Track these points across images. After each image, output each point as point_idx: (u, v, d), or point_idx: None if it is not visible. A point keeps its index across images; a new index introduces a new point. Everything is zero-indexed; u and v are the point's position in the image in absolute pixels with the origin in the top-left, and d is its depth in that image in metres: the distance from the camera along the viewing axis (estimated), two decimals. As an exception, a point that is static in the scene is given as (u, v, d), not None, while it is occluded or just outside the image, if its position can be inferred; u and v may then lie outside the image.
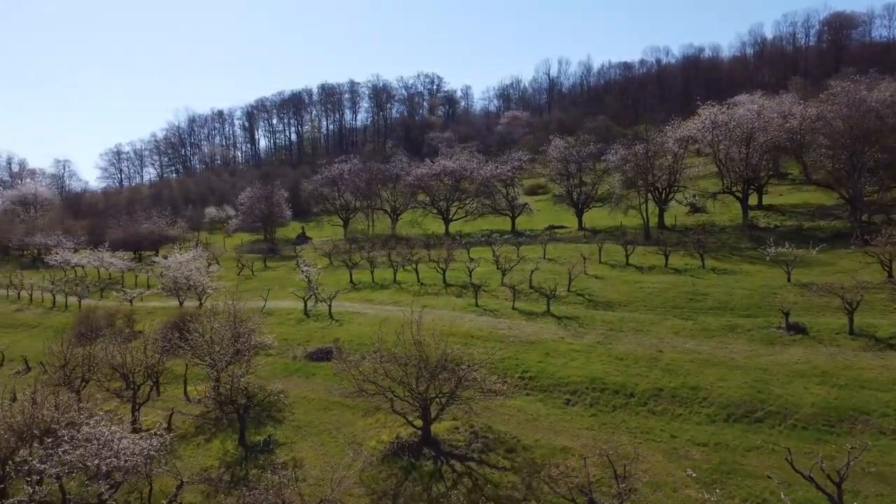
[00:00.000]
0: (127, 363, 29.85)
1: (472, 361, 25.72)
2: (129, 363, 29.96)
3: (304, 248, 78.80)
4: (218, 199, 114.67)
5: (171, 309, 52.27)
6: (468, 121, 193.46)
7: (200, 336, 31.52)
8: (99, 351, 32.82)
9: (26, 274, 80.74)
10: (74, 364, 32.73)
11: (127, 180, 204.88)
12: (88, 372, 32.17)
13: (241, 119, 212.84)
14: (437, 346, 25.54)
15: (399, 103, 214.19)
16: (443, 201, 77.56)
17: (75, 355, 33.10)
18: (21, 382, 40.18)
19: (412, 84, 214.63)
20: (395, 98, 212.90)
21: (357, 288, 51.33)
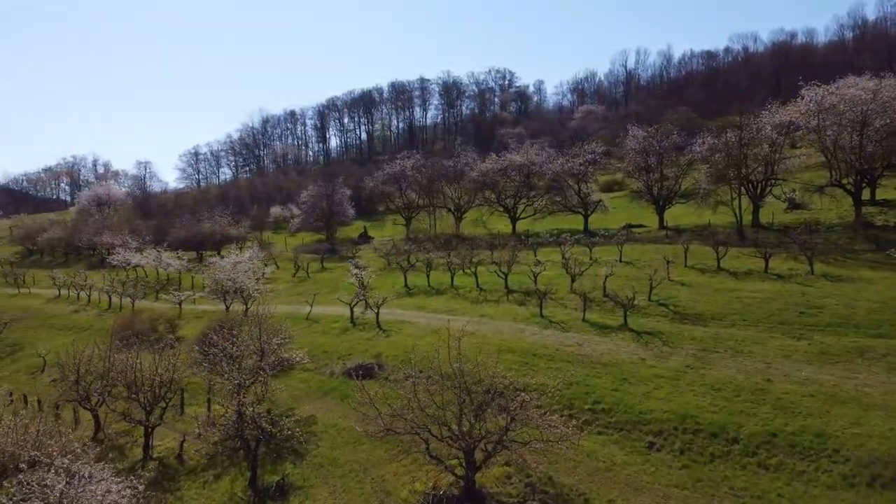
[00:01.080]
0: (138, 380, 26.34)
1: (529, 391, 20.57)
2: (141, 380, 26.47)
3: (363, 249, 75.20)
4: (284, 199, 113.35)
5: (219, 313, 49.50)
6: (540, 116, 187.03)
7: (221, 351, 27.67)
8: (118, 362, 29.53)
9: (90, 274, 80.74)
10: (90, 379, 29.68)
11: (204, 181, 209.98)
12: (104, 388, 29.07)
13: (312, 119, 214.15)
14: (491, 368, 20.50)
15: (469, 100, 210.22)
16: (510, 198, 72.30)
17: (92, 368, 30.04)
18: (53, 392, 38.04)
19: (483, 80, 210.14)
20: (465, 94, 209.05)
21: (411, 293, 46.86)
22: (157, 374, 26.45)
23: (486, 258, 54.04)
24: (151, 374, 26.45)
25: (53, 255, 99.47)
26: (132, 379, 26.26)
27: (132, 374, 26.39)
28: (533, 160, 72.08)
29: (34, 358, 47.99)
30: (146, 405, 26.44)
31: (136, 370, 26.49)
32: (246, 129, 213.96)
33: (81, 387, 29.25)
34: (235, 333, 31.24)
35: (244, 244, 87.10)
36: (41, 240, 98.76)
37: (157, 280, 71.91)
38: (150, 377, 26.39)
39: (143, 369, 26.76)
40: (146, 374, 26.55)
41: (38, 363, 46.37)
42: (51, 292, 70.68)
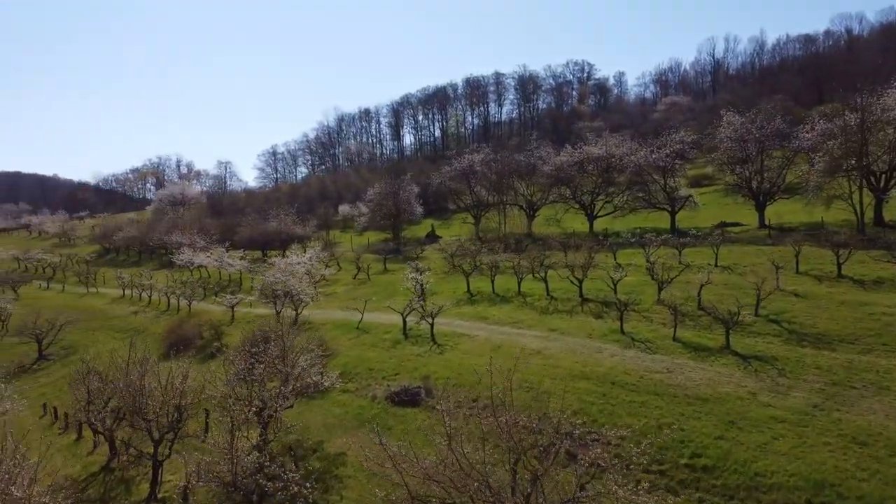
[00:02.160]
0: (142, 405, 22.71)
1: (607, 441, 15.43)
2: (149, 404, 22.84)
3: (428, 249, 70.90)
4: (353, 197, 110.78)
5: (271, 318, 46.27)
6: (621, 109, 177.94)
7: (243, 369, 23.74)
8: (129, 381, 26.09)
9: (157, 273, 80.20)
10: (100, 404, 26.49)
11: (282, 180, 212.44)
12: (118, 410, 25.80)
13: (387, 116, 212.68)
14: (559, 401, 15.51)
15: (546, 94, 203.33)
16: (587, 194, 66.21)
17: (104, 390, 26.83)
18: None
19: (560, 73, 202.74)
20: (541, 88, 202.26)
21: (473, 299, 41.95)
22: (168, 398, 22.68)
23: (560, 261, 48.59)
24: (162, 397, 22.71)
25: (128, 254, 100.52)
26: (138, 404, 22.61)
27: (138, 399, 22.73)
28: (612, 152, 65.69)
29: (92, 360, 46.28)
30: (154, 435, 22.81)
31: (144, 393, 22.80)
32: (322, 127, 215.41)
33: (94, 407, 26.03)
34: (272, 346, 27.40)
35: (309, 244, 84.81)
36: (116, 239, 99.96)
37: (219, 281, 70.09)
38: (160, 400, 22.66)
39: (152, 391, 23.05)
40: (157, 397, 22.84)
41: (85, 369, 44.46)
42: (116, 292, 70.16)
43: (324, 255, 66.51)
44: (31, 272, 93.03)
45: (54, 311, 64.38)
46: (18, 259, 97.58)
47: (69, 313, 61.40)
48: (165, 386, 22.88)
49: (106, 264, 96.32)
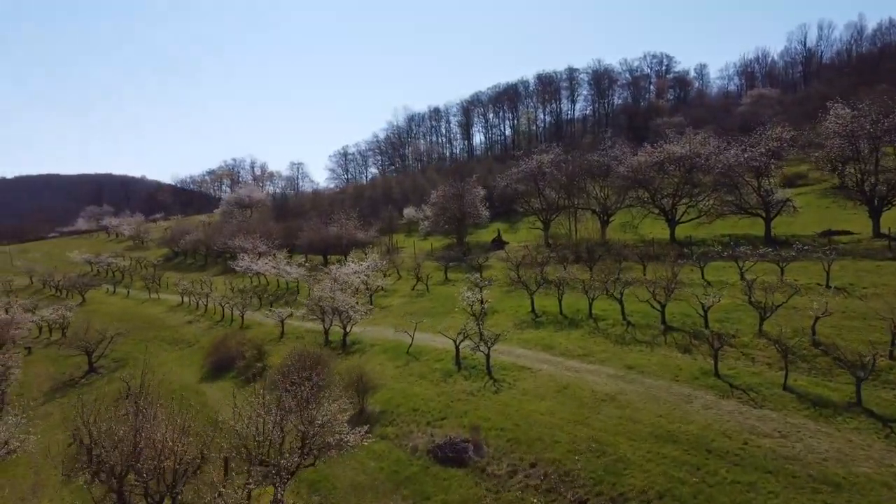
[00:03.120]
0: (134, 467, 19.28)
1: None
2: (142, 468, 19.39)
3: (492, 257, 66.29)
4: (418, 199, 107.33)
5: (320, 334, 43.00)
6: (702, 103, 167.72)
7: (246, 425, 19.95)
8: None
9: (218, 279, 79.05)
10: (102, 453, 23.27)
11: (352, 180, 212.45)
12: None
13: (456, 115, 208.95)
14: (639, 475, 11.44)
15: (622, 89, 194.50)
16: (667, 198, 59.95)
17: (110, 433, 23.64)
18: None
19: (637, 66, 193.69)
20: (617, 83, 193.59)
21: (538, 321, 37.09)
22: (162, 459, 19.17)
23: (637, 276, 43.18)
24: (155, 460, 19.22)
25: (194, 258, 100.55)
26: (130, 463, 19.22)
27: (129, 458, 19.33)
28: (698, 151, 59.05)
29: (136, 379, 44.26)
30: (153, 496, 19.39)
31: (135, 453, 19.36)
32: (391, 127, 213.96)
33: (96, 455, 22.88)
34: (312, 374, 23.73)
35: (370, 250, 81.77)
36: (183, 242, 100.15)
37: (276, 289, 67.82)
38: (153, 463, 19.18)
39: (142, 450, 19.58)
40: (149, 457, 19.37)
41: (138, 385, 42.41)
42: (176, 299, 69.04)
43: (382, 264, 63.08)
44: (101, 276, 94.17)
45: (113, 319, 63.87)
46: (91, 262, 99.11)
47: (120, 325, 60.46)
48: (160, 448, 19.28)
49: (173, 268, 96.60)
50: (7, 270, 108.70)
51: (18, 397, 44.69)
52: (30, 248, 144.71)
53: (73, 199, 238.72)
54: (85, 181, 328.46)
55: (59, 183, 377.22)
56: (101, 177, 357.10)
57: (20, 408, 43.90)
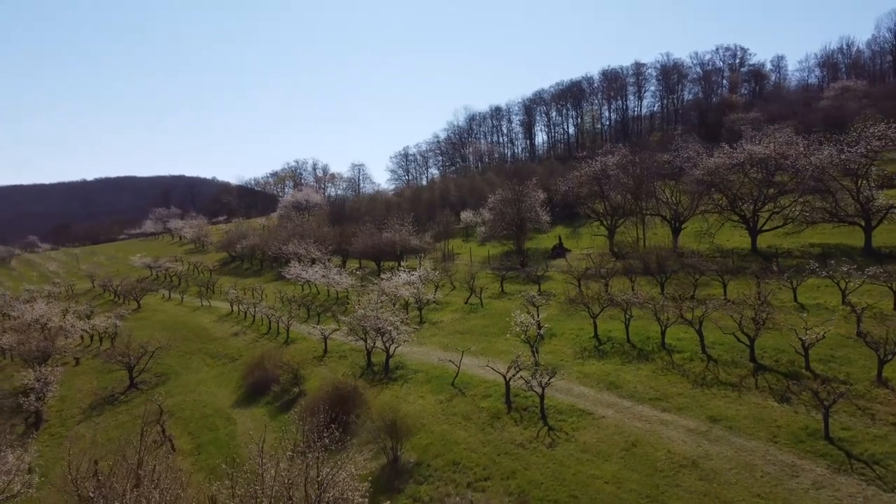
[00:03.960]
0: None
1: None
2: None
3: (553, 267, 61.73)
4: (476, 202, 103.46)
5: (362, 353, 39.70)
6: (780, 97, 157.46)
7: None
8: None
9: (270, 286, 77.30)
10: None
11: (414, 181, 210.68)
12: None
13: (518, 114, 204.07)
14: None
15: (692, 84, 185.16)
16: (748, 203, 54.10)
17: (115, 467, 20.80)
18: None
19: (709, 60, 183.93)
20: (687, 78, 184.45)
21: (601, 349, 32.63)
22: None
23: (716, 291, 38.18)
24: None
25: (251, 263, 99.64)
26: None
27: None
28: (783, 152, 52.90)
29: (171, 397, 42.27)
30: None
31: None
32: (452, 127, 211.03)
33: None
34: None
35: (424, 257, 78.44)
36: (240, 247, 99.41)
37: (326, 298, 65.22)
38: None
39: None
40: None
41: (171, 405, 40.34)
42: (227, 307, 67.40)
43: (435, 275, 59.54)
44: (159, 280, 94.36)
45: (161, 328, 62.66)
46: (150, 267, 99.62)
47: (168, 335, 58.99)
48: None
49: (229, 273, 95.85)
50: (73, 274, 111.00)
51: (58, 414, 43.46)
52: (98, 250, 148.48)
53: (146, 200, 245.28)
54: (157, 183, 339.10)
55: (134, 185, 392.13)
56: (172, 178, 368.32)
57: (55, 426, 42.89)
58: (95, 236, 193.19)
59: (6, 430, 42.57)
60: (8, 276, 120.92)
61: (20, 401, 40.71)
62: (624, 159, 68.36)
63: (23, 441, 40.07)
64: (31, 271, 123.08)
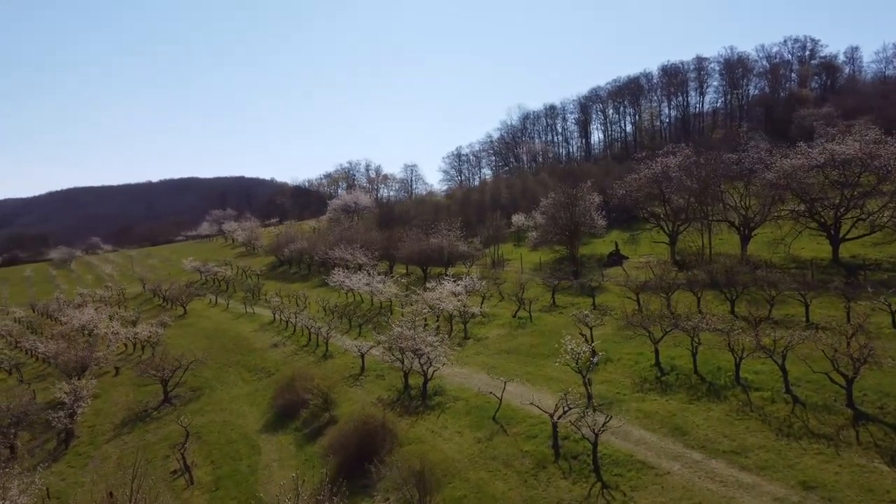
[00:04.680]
0: None
1: None
2: None
3: (608, 278, 57.52)
4: (529, 204, 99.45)
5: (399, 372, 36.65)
6: (855, 90, 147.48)
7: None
8: None
9: (315, 292, 75.46)
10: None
11: (466, 181, 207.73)
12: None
13: (573, 112, 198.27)
14: None
15: (758, 78, 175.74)
16: (829, 209, 48.78)
17: None
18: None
19: (776, 52, 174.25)
20: (752, 72, 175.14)
21: (663, 381, 28.63)
22: None
23: (795, 310, 33.67)
24: None
25: (298, 268, 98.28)
26: None
27: None
28: (871, 151, 47.32)
29: (201, 416, 40.36)
30: None
31: None
32: (505, 127, 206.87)
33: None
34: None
35: (473, 263, 75.17)
36: (287, 251, 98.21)
37: (370, 308, 62.65)
38: None
39: None
40: None
41: (200, 426, 38.38)
42: (270, 315, 65.61)
43: (482, 285, 56.16)
44: (208, 285, 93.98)
45: (203, 337, 61.36)
46: (199, 271, 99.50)
47: (208, 344, 57.79)
48: None
49: (276, 278, 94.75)
50: (126, 277, 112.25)
51: (90, 429, 42.09)
52: (155, 252, 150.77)
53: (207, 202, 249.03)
54: (218, 184, 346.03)
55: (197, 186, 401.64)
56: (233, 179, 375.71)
57: (85, 443, 41.51)
58: (155, 238, 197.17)
59: (37, 446, 41.80)
60: (67, 278, 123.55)
61: (52, 415, 39.37)
62: (687, 160, 63.34)
63: (53, 456, 39.05)
64: (88, 274, 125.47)
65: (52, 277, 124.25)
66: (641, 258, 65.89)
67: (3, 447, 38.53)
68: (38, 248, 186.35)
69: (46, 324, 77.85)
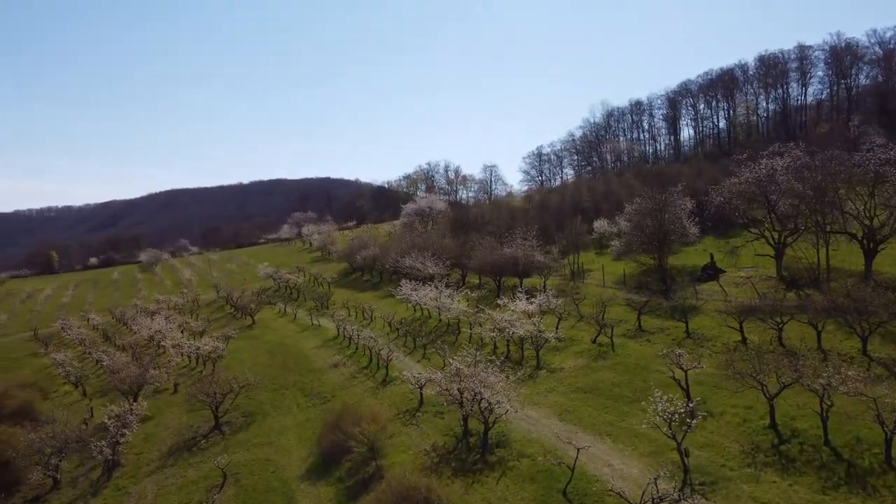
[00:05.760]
0: None
1: None
2: None
3: (704, 296, 50.65)
4: (612, 208, 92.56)
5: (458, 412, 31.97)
6: None
7: None
8: None
9: (384, 304, 71.97)
10: None
11: (547, 182, 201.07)
12: None
13: (661, 108, 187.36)
14: None
15: (869, 66, 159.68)
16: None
17: None
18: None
19: (890, 38, 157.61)
20: (863, 60, 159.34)
21: (782, 451, 22.56)
22: None
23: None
24: None
25: (370, 275, 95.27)
26: None
27: None
28: None
29: (247, 450, 37.09)
30: None
31: None
32: (588, 125, 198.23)
33: None
34: None
35: (550, 274, 69.50)
36: (360, 257, 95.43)
37: (437, 325, 58.32)
38: None
39: None
40: None
41: (241, 463, 35.12)
42: (334, 329, 62.45)
43: (558, 304, 50.63)
44: (280, 292, 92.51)
45: (264, 353, 58.72)
46: (272, 277, 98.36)
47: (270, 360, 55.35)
48: None
49: (348, 285, 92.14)
50: (204, 282, 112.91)
51: (136, 457, 39.69)
52: (236, 255, 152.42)
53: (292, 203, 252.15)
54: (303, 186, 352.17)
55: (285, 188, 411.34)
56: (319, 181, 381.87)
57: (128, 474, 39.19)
58: (240, 239, 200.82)
59: (82, 475, 39.82)
60: (150, 282, 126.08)
61: (94, 444, 37.09)
62: (797, 162, 55.30)
63: (94, 489, 36.86)
64: (168, 278, 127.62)
65: (137, 281, 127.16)
66: (741, 273, 58.48)
67: (45, 477, 36.63)
68: (131, 250, 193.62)
69: (120, 331, 77.98)
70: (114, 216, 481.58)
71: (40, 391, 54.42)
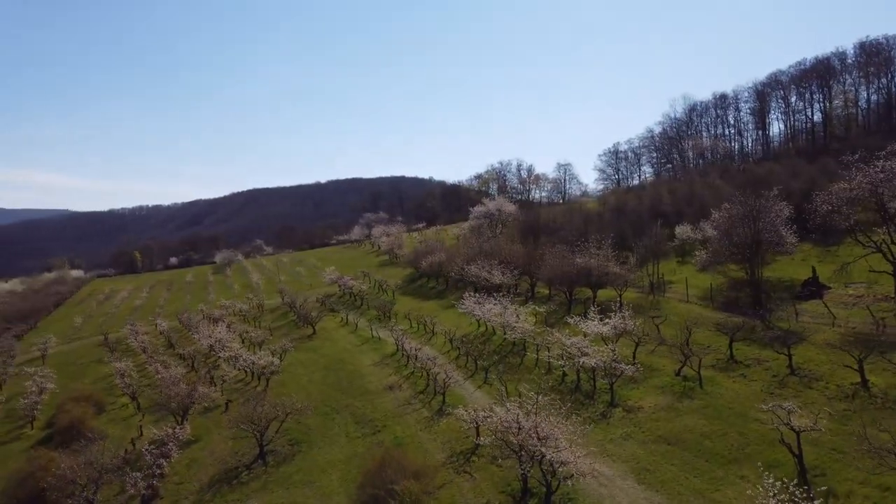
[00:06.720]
0: None
1: None
2: None
3: (806, 316, 44.02)
4: (696, 213, 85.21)
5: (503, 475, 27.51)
6: None
7: None
8: None
9: (448, 315, 68.11)
10: None
11: (625, 180, 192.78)
12: None
13: (748, 101, 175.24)
14: None
15: None
16: None
17: None
18: None
19: None
20: None
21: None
22: None
23: None
24: None
25: (436, 282, 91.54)
26: None
27: None
28: None
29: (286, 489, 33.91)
30: None
31: None
32: (668, 120, 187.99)
33: None
34: None
35: (626, 287, 63.58)
36: (425, 263, 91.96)
37: (501, 344, 53.91)
38: None
39: None
40: None
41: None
42: (393, 344, 59.04)
43: (634, 326, 45.19)
44: (344, 298, 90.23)
45: (319, 369, 55.80)
46: (337, 283, 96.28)
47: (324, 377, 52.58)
48: None
49: (412, 293, 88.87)
50: (271, 286, 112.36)
51: (175, 487, 37.27)
52: (306, 257, 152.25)
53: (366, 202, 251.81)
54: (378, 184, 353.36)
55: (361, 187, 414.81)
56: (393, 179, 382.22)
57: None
58: (312, 240, 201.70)
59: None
60: (221, 284, 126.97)
61: (126, 477, 34.84)
62: (921, 164, 47.45)
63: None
64: (237, 282, 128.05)
65: (208, 283, 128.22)
66: (849, 290, 51.27)
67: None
68: (209, 250, 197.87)
69: (185, 338, 77.35)
70: (198, 215, 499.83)
71: (96, 405, 53.27)
